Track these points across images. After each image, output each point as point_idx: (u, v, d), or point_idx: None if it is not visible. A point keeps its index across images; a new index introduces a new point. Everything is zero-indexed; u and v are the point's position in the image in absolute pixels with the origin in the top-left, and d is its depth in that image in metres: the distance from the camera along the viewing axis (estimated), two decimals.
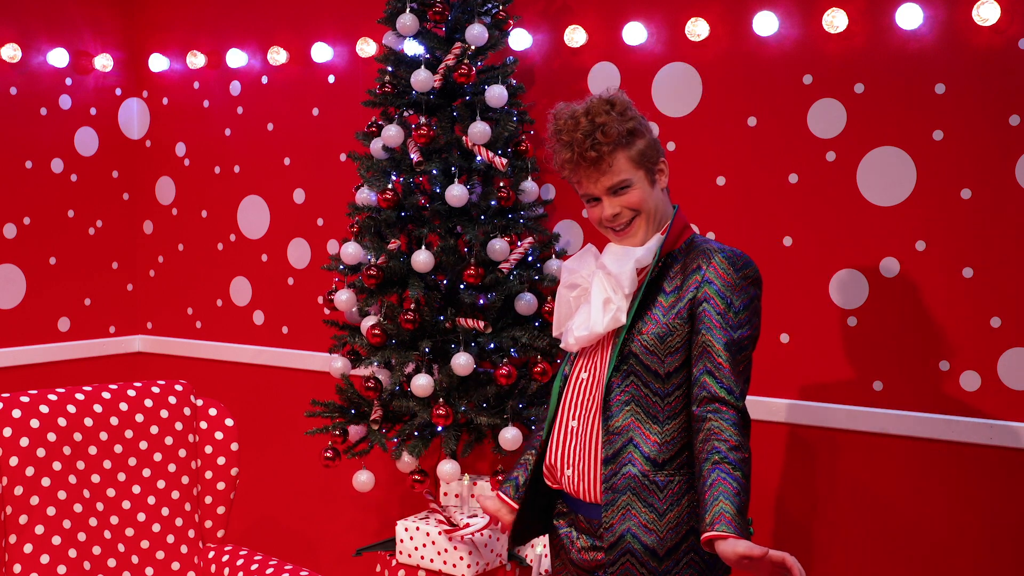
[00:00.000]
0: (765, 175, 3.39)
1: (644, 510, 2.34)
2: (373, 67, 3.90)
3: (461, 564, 3.32)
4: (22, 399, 2.93)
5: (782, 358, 3.39)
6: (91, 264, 4.61)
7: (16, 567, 2.82)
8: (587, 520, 2.44)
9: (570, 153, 2.35)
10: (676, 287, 2.37)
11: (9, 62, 4.28)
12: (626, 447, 2.35)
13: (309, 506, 4.36)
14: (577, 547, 2.47)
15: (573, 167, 2.37)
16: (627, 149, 2.36)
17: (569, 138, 2.35)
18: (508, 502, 2.61)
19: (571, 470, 2.43)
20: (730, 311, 2.32)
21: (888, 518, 3.27)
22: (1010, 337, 3.07)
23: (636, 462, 2.34)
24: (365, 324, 3.45)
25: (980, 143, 3.08)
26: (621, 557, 2.35)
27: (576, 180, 2.40)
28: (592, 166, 2.35)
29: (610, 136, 2.33)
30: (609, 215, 2.38)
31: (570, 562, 2.51)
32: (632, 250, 2.40)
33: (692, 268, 2.36)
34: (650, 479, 2.34)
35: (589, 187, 2.39)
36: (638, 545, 2.33)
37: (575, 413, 2.44)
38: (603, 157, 2.34)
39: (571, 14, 3.67)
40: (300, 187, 4.30)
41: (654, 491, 2.34)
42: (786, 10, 3.32)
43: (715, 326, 2.31)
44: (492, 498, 2.64)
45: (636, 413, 2.36)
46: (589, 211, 2.44)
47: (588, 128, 2.33)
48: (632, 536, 2.34)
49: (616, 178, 2.36)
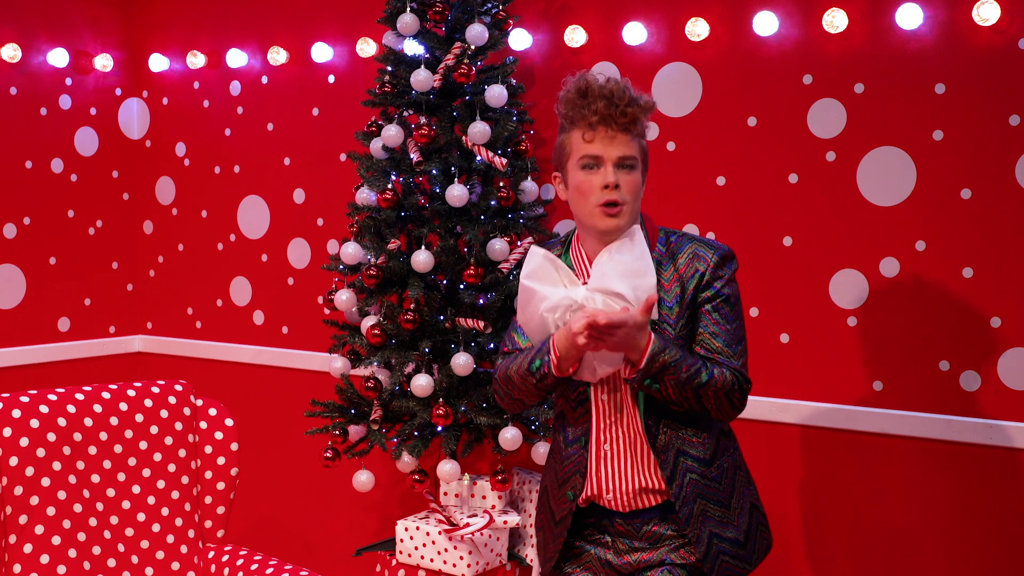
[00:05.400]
0: (765, 175, 3.39)
1: (714, 508, 2.41)
2: (373, 67, 3.90)
3: (461, 564, 3.32)
4: (22, 399, 2.92)
5: (782, 358, 3.39)
6: (91, 264, 4.61)
7: (16, 567, 2.82)
8: (625, 523, 2.44)
9: (605, 103, 2.30)
10: (677, 296, 2.37)
11: (9, 62, 4.28)
12: (679, 459, 2.38)
13: (309, 506, 4.36)
14: (618, 550, 2.46)
15: (598, 121, 2.31)
16: (641, 138, 2.37)
17: (608, 93, 2.31)
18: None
19: (611, 494, 2.42)
20: (726, 305, 2.39)
21: (888, 518, 3.27)
22: (1010, 337, 3.07)
23: (693, 469, 2.39)
24: (365, 324, 3.45)
25: (980, 143, 3.07)
26: (716, 561, 2.40)
27: (589, 138, 2.32)
28: (620, 129, 2.31)
29: (639, 113, 2.33)
30: (612, 181, 2.31)
31: (601, 565, 2.48)
32: (635, 266, 2.33)
33: (691, 274, 2.38)
34: (708, 478, 2.41)
35: (602, 149, 2.31)
36: (724, 544, 2.41)
37: (606, 438, 2.42)
38: (630, 127, 2.32)
39: (571, 14, 3.67)
40: (300, 187, 4.30)
41: (714, 487, 2.41)
42: (786, 10, 3.32)
43: (715, 325, 2.37)
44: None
45: (672, 424, 2.39)
46: (583, 179, 2.34)
47: (623, 96, 2.31)
48: (716, 537, 2.40)
49: (630, 151, 2.33)
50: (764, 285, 3.40)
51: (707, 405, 2.35)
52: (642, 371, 2.26)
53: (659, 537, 2.43)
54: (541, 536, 2.59)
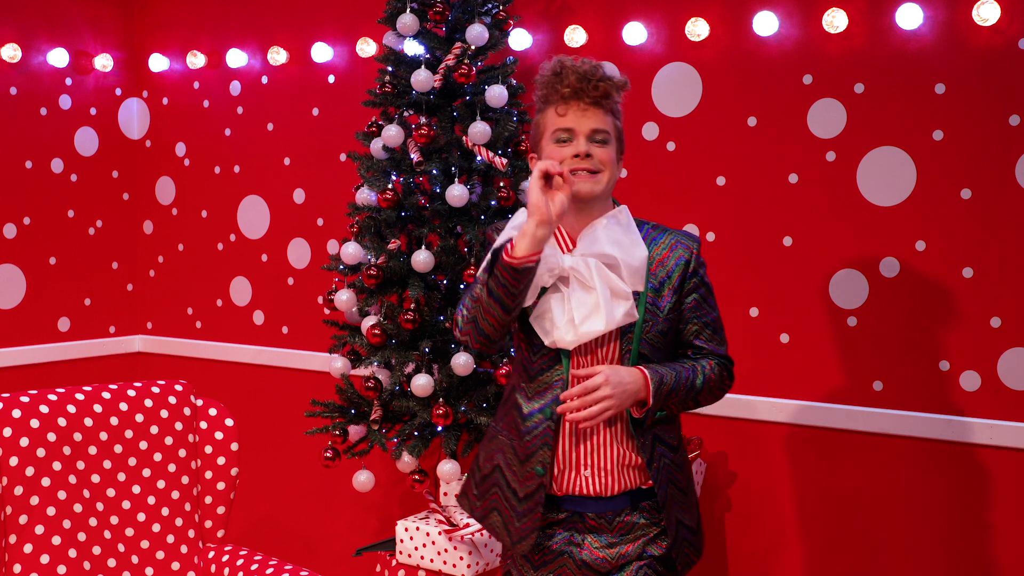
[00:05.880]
0: (765, 175, 3.39)
1: (678, 493, 2.45)
2: (373, 67, 3.89)
3: (461, 564, 3.32)
4: (22, 399, 2.92)
5: (782, 358, 3.39)
6: (91, 264, 4.61)
7: (16, 567, 2.82)
8: (597, 516, 2.43)
9: (577, 77, 2.34)
10: (663, 280, 2.40)
11: (9, 62, 4.28)
12: (655, 443, 2.41)
13: (309, 506, 4.36)
14: (591, 548, 2.44)
15: (570, 96, 2.34)
16: (613, 116, 2.39)
17: (577, 72, 2.35)
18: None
19: (589, 469, 2.41)
20: (710, 295, 2.46)
21: (888, 518, 3.27)
22: (1010, 337, 3.07)
23: (666, 454, 2.43)
24: (365, 324, 3.45)
25: (980, 143, 3.08)
26: (680, 546, 2.44)
27: (562, 113, 2.35)
28: (591, 103, 2.34)
29: (611, 88, 2.36)
30: (584, 151, 2.33)
31: (577, 567, 2.45)
32: (626, 238, 2.37)
33: (675, 260, 2.41)
34: (676, 464, 2.45)
35: (574, 121, 2.34)
36: (684, 530, 2.46)
37: None
38: (602, 101, 2.35)
39: (571, 14, 3.67)
40: (300, 187, 4.30)
41: (678, 474, 2.46)
42: (786, 10, 3.32)
43: (704, 316, 2.44)
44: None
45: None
46: (555, 151, 2.35)
47: (595, 72, 2.36)
48: (680, 523, 2.45)
49: (602, 125, 2.35)
50: (764, 285, 3.40)
51: (701, 403, 2.44)
52: (652, 408, 2.34)
53: (632, 527, 2.43)
54: (497, 519, 2.50)
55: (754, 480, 3.47)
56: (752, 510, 3.47)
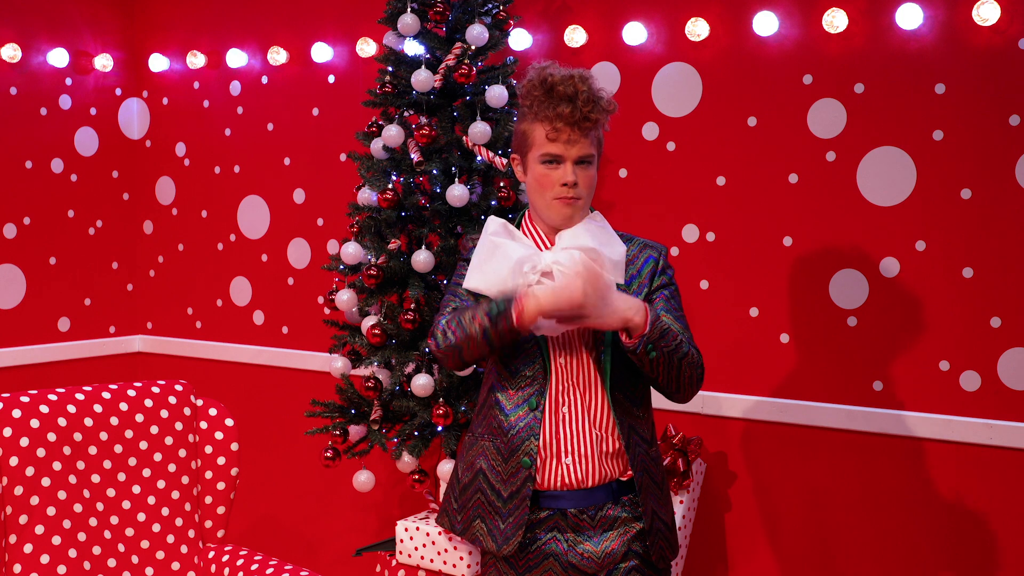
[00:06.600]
0: (765, 175, 3.39)
1: (654, 485, 2.46)
2: (373, 67, 3.90)
3: (461, 564, 3.32)
4: (22, 399, 2.93)
5: (782, 358, 3.39)
6: (91, 264, 4.61)
7: (16, 567, 2.82)
8: (579, 512, 2.43)
9: (571, 108, 2.34)
10: (632, 276, 2.45)
11: (9, 62, 4.28)
12: (631, 433, 2.43)
13: (309, 506, 4.36)
14: (577, 550, 2.43)
15: (564, 123, 2.35)
16: (598, 132, 2.41)
17: (572, 92, 2.34)
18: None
19: (570, 457, 2.42)
20: (677, 294, 2.51)
21: (888, 518, 3.27)
22: (1010, 337, 3.07)
23: (641, 445, 2.45)
24: (365, 324, 3.45)
25: (980, 143, 3.08)
26: (655, 537, 2.45)
27: (554, 137, 2.36)
28: (583, 131, 2.36)
29: (602, 111, 2.38)
30: (571, 180, 2.37)
31: (564, 569, 2.44)
32: (605, 236, 2.42)
33: (644, 260, 2.47)
34: (650, 456, 2.47)
35: (564, 149, 2.36)
36: (660, 523, 2.47)
37: (564, 400, 2.42)
38: (594, 127, 2.38)
39: (571, 14, 3.67)
40: (300, 187, 4.30)
41: (653, 467, 2.48)
42: (786, 10, 3.32)
43: (674, 311, 2.46)
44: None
45: (626, 400, 2.44)
46: (544, 173, 2.38)
47: (589, 94, 2.36)
48: (656, 514, 2.46)
49: (589, 150, 2.38)
50: (764, 285, 3.40)
51: (682, 379, 2.38)
52: (647, 335, 2.29)
53: (614, 521, 2.43)
54: (480, 526, 2.48)
55: (754, 480, 3.47)
56: (752, 510, 3.47)
